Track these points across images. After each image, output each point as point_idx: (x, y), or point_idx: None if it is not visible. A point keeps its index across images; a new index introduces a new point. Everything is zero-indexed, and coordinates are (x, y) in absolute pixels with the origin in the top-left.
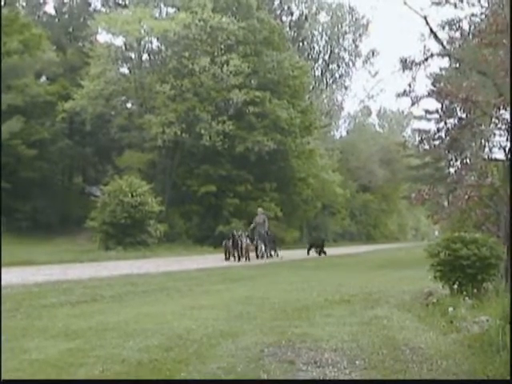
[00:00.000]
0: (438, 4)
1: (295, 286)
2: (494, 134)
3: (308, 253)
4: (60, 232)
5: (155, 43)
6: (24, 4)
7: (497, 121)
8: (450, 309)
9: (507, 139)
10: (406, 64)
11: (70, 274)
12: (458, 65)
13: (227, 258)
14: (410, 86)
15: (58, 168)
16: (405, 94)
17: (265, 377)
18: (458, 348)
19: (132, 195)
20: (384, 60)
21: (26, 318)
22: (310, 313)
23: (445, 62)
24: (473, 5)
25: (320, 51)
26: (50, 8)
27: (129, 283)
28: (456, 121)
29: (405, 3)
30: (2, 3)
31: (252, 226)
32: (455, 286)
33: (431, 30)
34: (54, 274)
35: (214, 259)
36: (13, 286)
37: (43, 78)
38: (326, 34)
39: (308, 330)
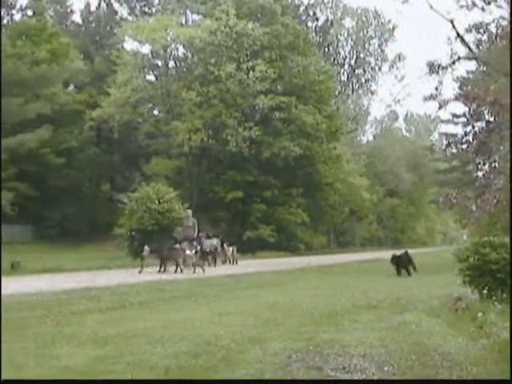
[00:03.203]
0: (466, 7)
1: (323, 292)
2: None
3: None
4: (88, 239)
5: (181, 50)
6: (52, 14)
7: None
8: (480, 314)
9: None
10: (432, 68)
11: (99, 281)
12: (485, 68)
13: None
14: (436, 89)
15: (86, 176)
16: (432, 97)
17: None
18: (488, 354)
19: (159, 202)
20: (410, 64)
21: (56, 325)
22: (338, 318)
23: (472, 66)
24: (500, 7)
25: (346, 56)
26: (77, 17)
27: (156, 289)
28: (484, 124)
29: (431, 7)
30: (31, 13)
31: (178, 229)
32: (484, 291)
33: (458, 33)
34: (83, 280)
35: (240, 265)
36: (43, 292)
37: (71, 87)
38: (351, 38)
39: (336, 336)
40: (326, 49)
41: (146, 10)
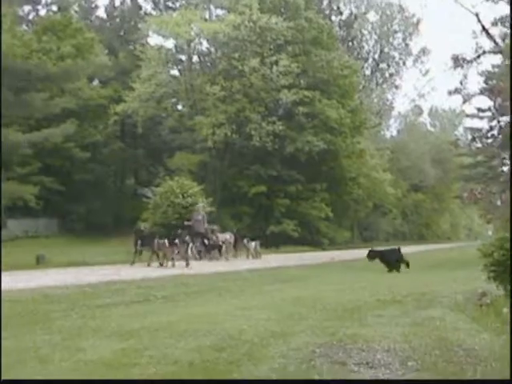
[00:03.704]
0: (492, 0)
1: (346, 287)
2: None
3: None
4: (113, 233)
5: (205, 45)
6: (77, 9)
7: None
8: (505, 310)
9: None
10: (457, 62)
11: (123, 275)
12: (510, 61)
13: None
14: (461, 83)
15: (110, 170)
16: (456, 91)
17: (316, 378)
18: None
19: (183, 196)
20: (435, 58)
21: (81, 318)
22: (362, 313)
23: (497, 59)
24: None
25: (370, 50)
26: (101, 12)
27: (181, 283)
28: (509, 118)
29: (456, 0)
30: (56, 9)
31: (187, 223)
32: (510, 287)
33: (483, 27)
34: (108, 274)
35: (263, 260)
36: (68, 286)
37: (96, 82)
38: (375, 33)
39: (359, 331)
40: (350, 43)
41: (170, 4)
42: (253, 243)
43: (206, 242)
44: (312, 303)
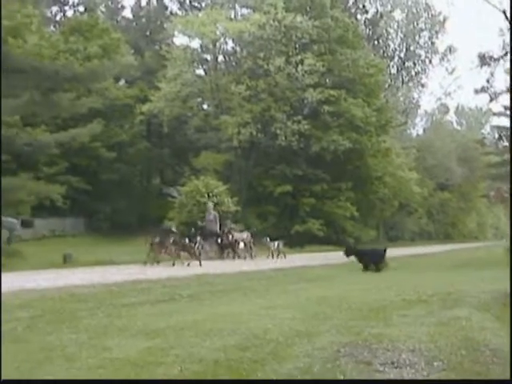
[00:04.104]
0: None
1: (371, 286)
2: None
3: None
4: (139, 232)
5: (230, 44)
6: (103, 9)
7: None
8: None
9: None
10: (484, 60)
11: (149, 274)
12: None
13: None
14: (488, 81)
15: (136, 170)
16: (483, 90)
17: (341, 378)
18: None
19: (208, 196)
20: (461, 56)
21: (107, 317)
22: (387, 313)
23: None
24: None
25: (396, 49)
26: (127, 12)
27: (206, 283)
28: None
29: None
30: (83, 9)
31: (201, 224)
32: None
33: (511, 24)
34: (134, 273)
35: (288, 259)
36: (94, 285)
37: (122, 82)
38: (401, 31)
39: (385, 331)
40: (376, 41)
41: (196, 4)
42: (276, 242)
43: (218, 241)
44: (337, 303)
